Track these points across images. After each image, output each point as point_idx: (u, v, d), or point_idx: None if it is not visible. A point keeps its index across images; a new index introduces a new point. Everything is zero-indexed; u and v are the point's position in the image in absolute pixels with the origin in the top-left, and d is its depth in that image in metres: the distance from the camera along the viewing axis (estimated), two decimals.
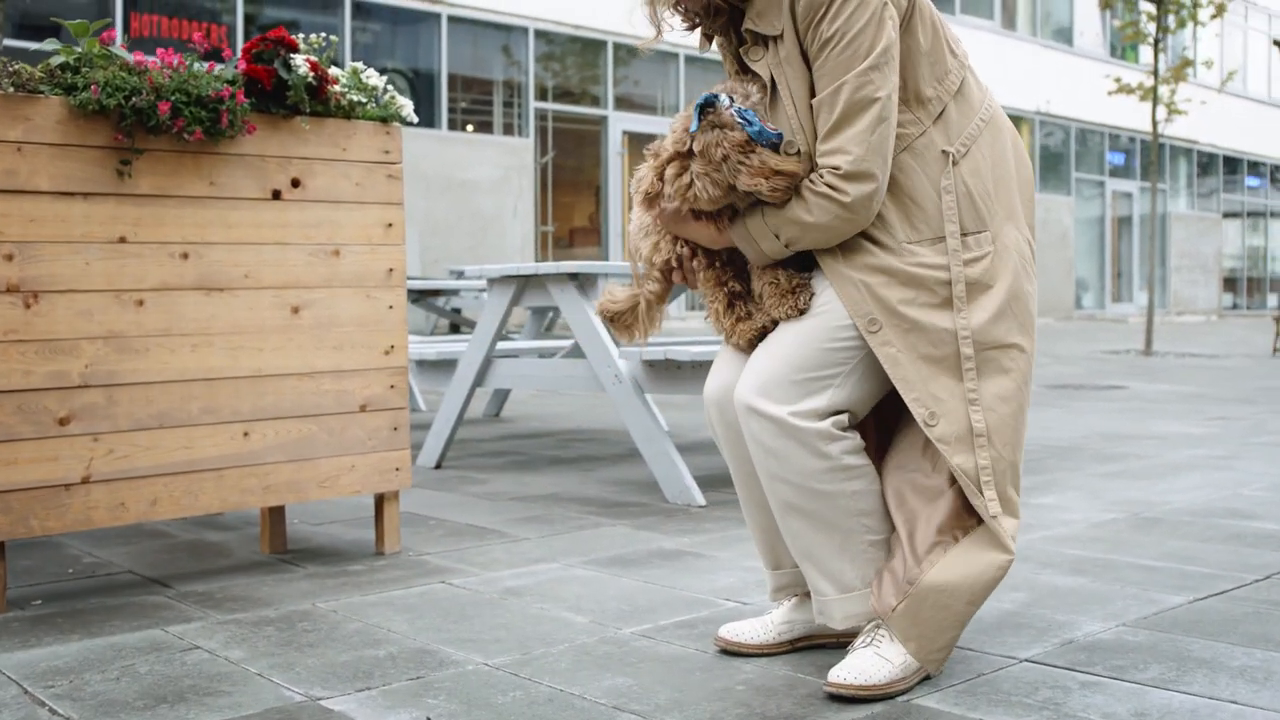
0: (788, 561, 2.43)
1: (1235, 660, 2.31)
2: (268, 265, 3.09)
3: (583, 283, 4.63)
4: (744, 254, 2.27)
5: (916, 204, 2.17)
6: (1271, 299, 31.81)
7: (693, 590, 2.94)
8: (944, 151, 2.17)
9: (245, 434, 3.06)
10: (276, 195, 3.10)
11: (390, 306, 3.32)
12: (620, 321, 2.43)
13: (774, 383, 2.17)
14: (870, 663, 2.15)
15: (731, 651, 2.41)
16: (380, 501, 3.39)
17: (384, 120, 3.31)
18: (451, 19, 15.67)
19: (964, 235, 2.17)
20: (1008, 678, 2.23)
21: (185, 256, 2.95)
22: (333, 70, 3.22)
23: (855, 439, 2.19)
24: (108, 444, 2.84)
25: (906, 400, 2.15)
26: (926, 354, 2.16)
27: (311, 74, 3.09)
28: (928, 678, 2.23)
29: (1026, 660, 2.33)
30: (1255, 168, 30.83)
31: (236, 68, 3.02)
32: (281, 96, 3.08)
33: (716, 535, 3.61)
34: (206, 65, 2.98)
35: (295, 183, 3.13)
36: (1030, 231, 2.29)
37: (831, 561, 2.22)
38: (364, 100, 3.27)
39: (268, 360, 3.09)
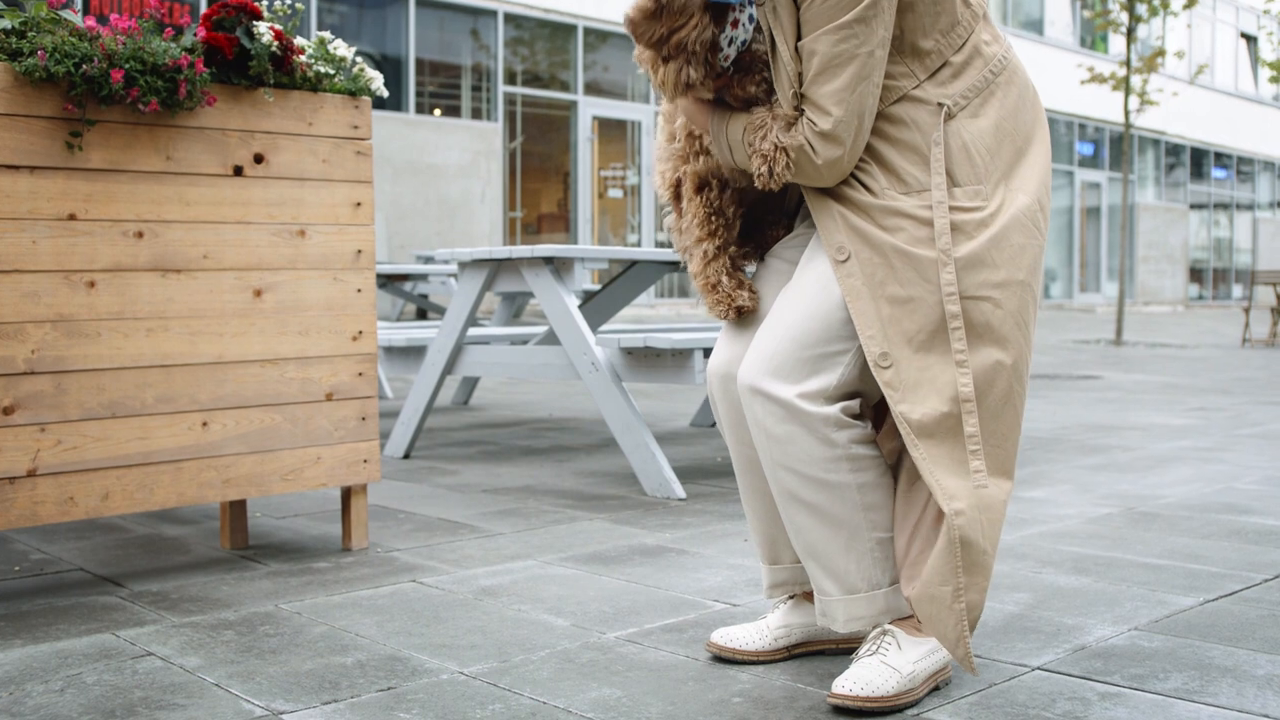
0: (787, 556, 2.28)
1: (1259, 669, 2.18)
2: (228, 245, 2.91)
3: (558, 267, 4.46)
4: (717, 155, 2.14)
5: (903, 157, 2.00)
6: (1236, 290, 31.96)
7: (678, 590, 2.79)
8: (939, 104, 2.01)
9: (204, 424, 2.88)
10: (238, 171, 2.92)
11: (358, 290, 3.15)
12: (707, 290, 2.26)
13: (780, 360, 2.01)
14: (877, 672, 2.00)
15: (725, 658, 2.25)
16: (347, 495, 3.22)
17: (353, 94, 3.13)
18: (420, 1, 15.44)
19: (953, 186, 2.00)
20: (1021, 688, 2.09)
21: (140, 235, 2.77)
22: (298, 40, 3.04)
23: (865, 428, 2.04)
24: (55, 434, 2.66)
25: (861, 338, 1.99)
26: (894, 294, 1.98)
27: (276, 43, 2.91)
28: (937, 688, 2.08)
29: (1039, 669, 2.19)
30: (1221, 159, 30.94)
31: (196, 35, 2.84)
32: (244, 67, 2.90)
33: (699, 530, 3.46)
34: (164, 32, 2.80)
35: (258, 158, 2.95)
36: (1040, 196, 2.09)
37: (837, 559, 2.06)
38: (331, 72, 3.09)
39: (228, 346, 2.92)
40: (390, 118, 14.76)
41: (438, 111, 15.86)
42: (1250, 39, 31.44)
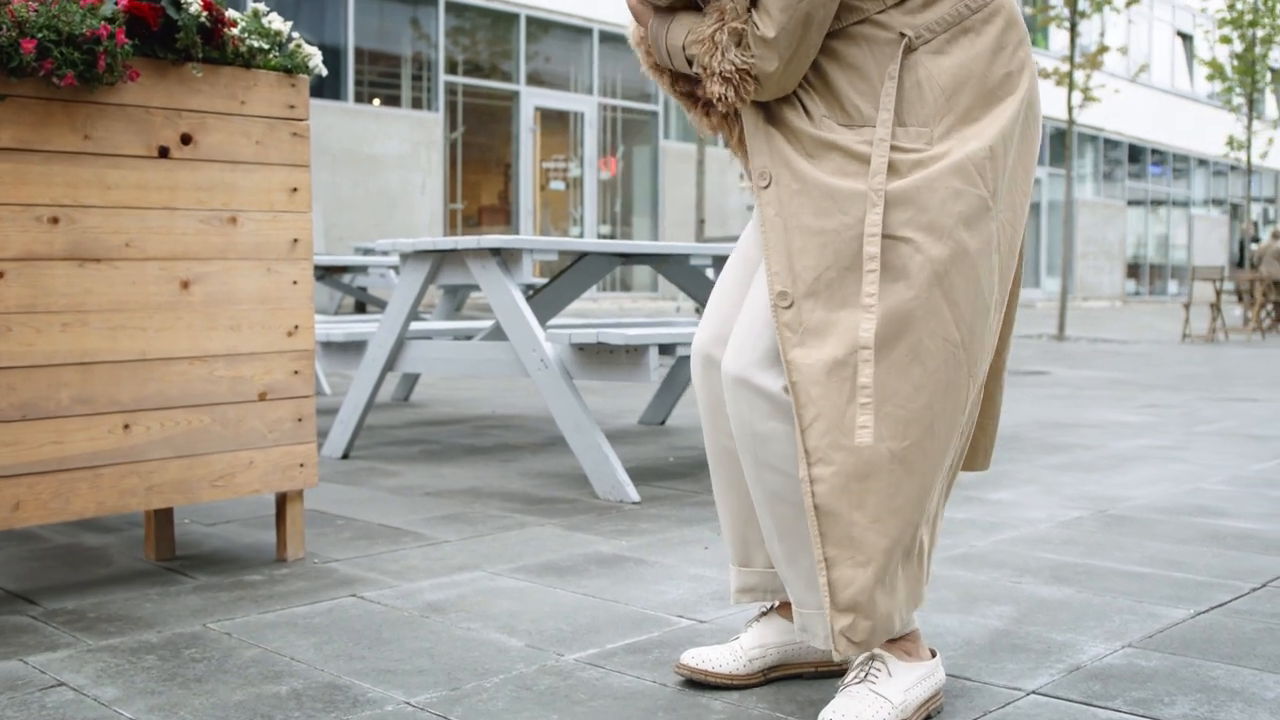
0: (759, 559, 2.11)
1: (1268, 691, 2.03)
2: (153, 233, 2.69)
3: (505, 259, 4.26)
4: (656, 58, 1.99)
5: (851, 86, 1.81)
6: (1172, 285, 32.27)
7: (639, 605, 2.60)
8: (901, 34, 1.81)
9: (126, 427, 2.66)
10: (164, 153, 2.70)
11: (294, 282, 2.94)
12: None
13: (766, 347, 1.84)
14: (866, 703, 1.83)
15: (697, 682, 2.07)
16: (282, 501, 3.01)
17: (289, 71, 2.92)
18: None
19: (898, 125, 1.81)
20: (1018, 715, 1.93)
21: (55, 221, 2.54)
22: (230, 12, 2.82)
23: None
24: None
25: (766, 274, 1.83)
26: (806, 225, 1.80)
27: (205, 14, 2.69)
28: (929, 718, 1.91)
29: (1035, 693, 2.03)
30: (1158, 156, 31.20)
31: (117, 4, 2.61)
32: (170, 39, 2.68)
33: (656, 537, 3.28)
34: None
35: (185, 139, 2.73)
36: (996, 147, 1.83)
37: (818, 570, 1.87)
38: (266, 47, 2.87)
39: (152, 342, 2.69)
40: (329, 106, 14.44)
41: (377, 101, 15.56)
42: (1186, 38, 31.73)
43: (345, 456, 4.75)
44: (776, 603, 2.15)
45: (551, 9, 17.10)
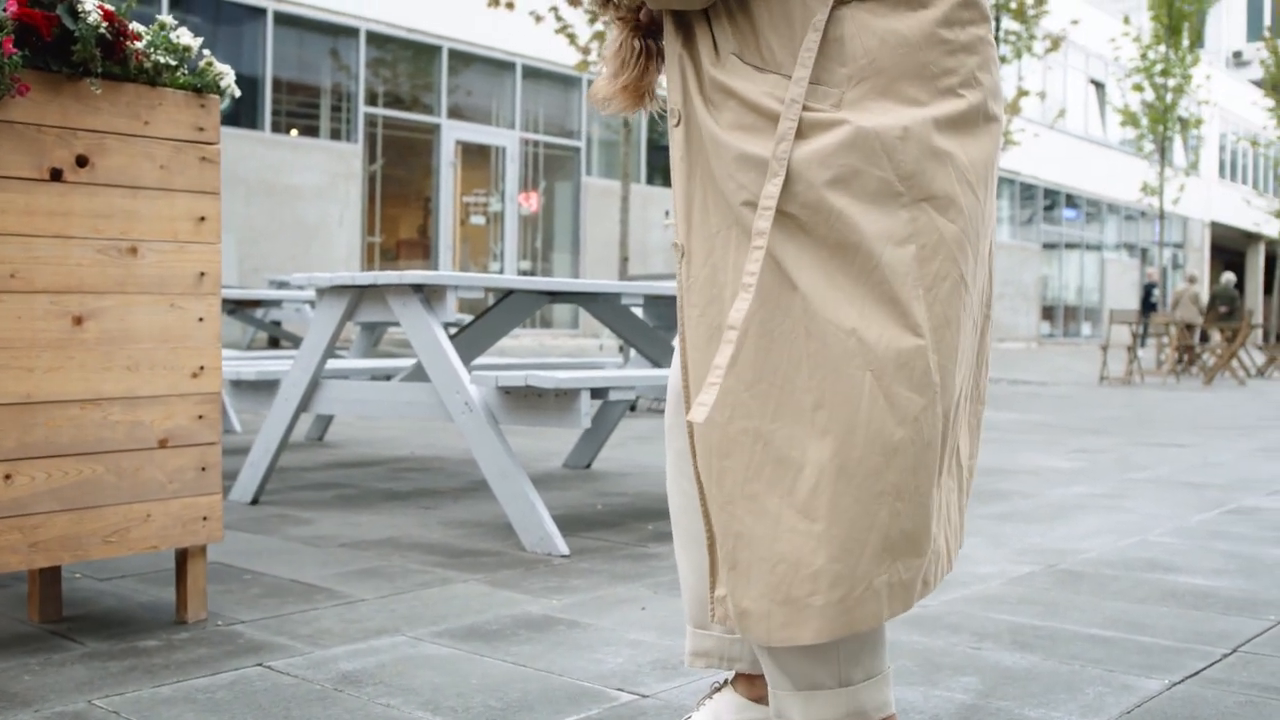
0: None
1: None
2: (42, 263, 2.44)
3: (428, 295, 4.04)
4: None
5: (771, 24, 1.61)
6: (1085, 327, 32.73)
7: (574, 675, 2.39)
8: None
9: (7, 477, 2.40)
10: (56, 175, 2.46)
11: (200, 319, 2.70)
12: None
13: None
14: None
15: None
16: (183, 558, 2.76)
17: (198, 90, 2.69)
18: (279, 16, 14.83)
19: (814, 84, 1.60)
20: None
21: None
22: (134, 25, 2.58)
23: None
24: None
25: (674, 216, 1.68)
26: (704, 178, 1.65)
27: (105, 25, 2.46)
28: None
29: None
30: (1072, 201, 31.69)
31: (5, 10, 2.37)
32: (65, 51, 2.45)
33: (588, 596, 3.07)
34: None
35: (81, 161, 2.49)
36: (916, 131, 1.60)
37: (799, 648, 1.67)
38: (173, 63, 2.65)
39: (39, 383, 2.44)
40: (245, 136, 14.11)
41: (295, 131, 15.24)
42: (1099, 85, 32.33)
43: (255, 502, 4.48)
44: (733, 673, 1.95)
45: (474, 42, 16.92)
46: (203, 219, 2.69)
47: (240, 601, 2.96)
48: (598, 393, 3.89)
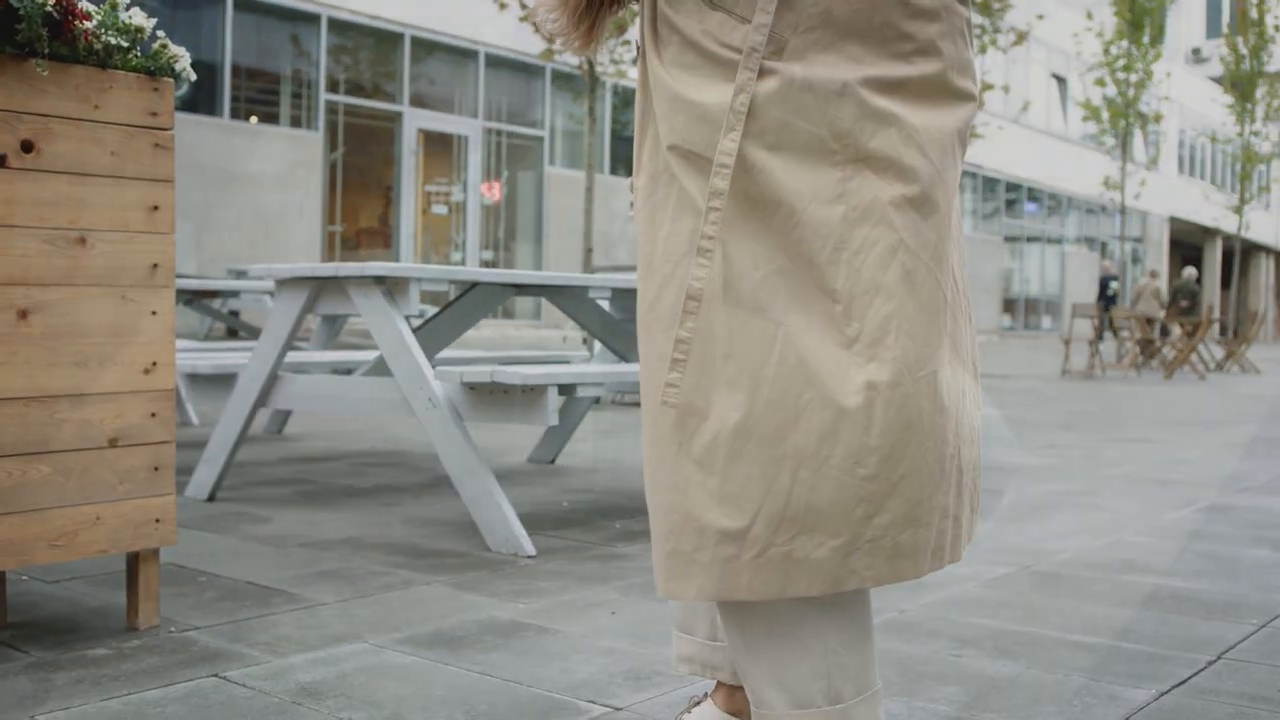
0: (701, 628, 1.83)
1: None
2: None
3: (391, 288, 3.93)
4: None
5: None
6: (1045, 320, 32.90)
7: (544, 685, 2.29)
8: None
9: None
10: (1, 162, 2.33)
11: (153, 312, 2.58)
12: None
13: None
14: None
15: None
16: (135, 562, 2.64)
17: (151, 73, 2.57)
18: (238, 3, 14.62)
19: (773, 34, 1.49)
20: None
21: None
22: (83, 4, 2.46)
23: None
24: None
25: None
26: (657, 119, 1.56)
27: (52, 3, 2.34)
28: None
29: None
30: (1033, 194, 31.83)
31: None
32: (10, 30, 2.32)
33: (557, 600, 2.98)
34: None
35: (27, 146, 2.37)
36: (861, 90, 1.49)
37: (785, 659, 1.57)
38: (125, 45, 2.53)
39: None
40: (204, 122, 13.91)
41: (254, 118, 15.04)
42: (1061, 80, 32.46)
43: (211, 499, 4.35)
44: (714, 684, 1.87)
45: (437, 30, 16.75)
46: (156, 208, 2.58)
47: (195, 606, 2.85)
48: (565, 389, 3.79)
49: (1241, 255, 35.83)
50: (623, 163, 19.31)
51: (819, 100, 1.48)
